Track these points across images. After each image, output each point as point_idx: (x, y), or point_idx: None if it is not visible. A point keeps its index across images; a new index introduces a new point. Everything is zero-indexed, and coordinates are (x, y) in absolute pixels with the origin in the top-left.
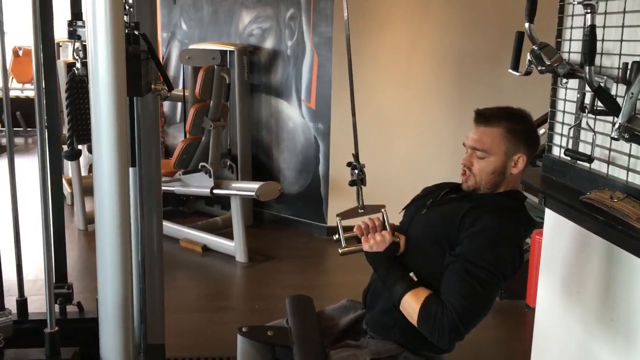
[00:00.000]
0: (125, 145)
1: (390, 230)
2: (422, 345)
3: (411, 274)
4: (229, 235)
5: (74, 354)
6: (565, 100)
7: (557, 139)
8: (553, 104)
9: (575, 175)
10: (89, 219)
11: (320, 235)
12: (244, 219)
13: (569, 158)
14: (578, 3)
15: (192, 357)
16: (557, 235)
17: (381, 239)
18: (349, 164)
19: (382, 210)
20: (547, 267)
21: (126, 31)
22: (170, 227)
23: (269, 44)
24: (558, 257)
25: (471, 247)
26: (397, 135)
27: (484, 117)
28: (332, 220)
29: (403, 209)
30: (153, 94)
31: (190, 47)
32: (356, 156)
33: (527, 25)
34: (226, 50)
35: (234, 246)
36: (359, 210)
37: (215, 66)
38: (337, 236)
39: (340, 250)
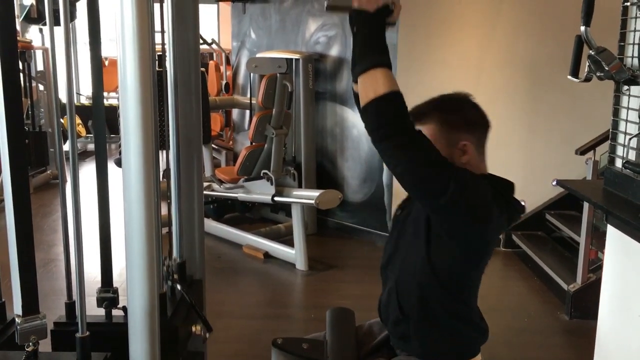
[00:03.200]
0: (151, 149)
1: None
2: (447, 348)
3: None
4: (291, 242)
5: (104, 359)
6: (628, 108)
7: (619, 150)
8: (615, 113)
9: (638, 189)
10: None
11: (383, 244)
12: (308, 227)
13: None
14: (632, 4)
15: None
16: (619, 253)
17: None
18: None
19: None
20: (609, 286)
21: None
22: (234, 233)
23: (334, 51)
24: (620, 276)
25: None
26: None
27: (415, 115)
28: None
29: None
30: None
31: (258, 55)
32: None
33: (583, 28)
34: (292, 59)
35: (294, 254)
36: None
37: (278, 74)
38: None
39: (326, 3)
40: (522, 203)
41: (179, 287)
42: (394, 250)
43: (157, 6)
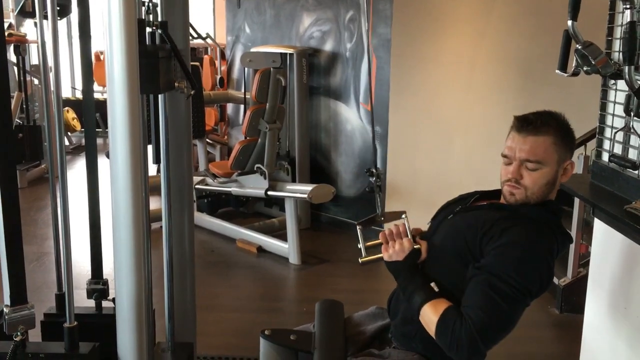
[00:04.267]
0: (138, 142)
1: (416, 236)
2: (444, 357)
3: (432, 284)
4: (284, 237)
5: (92, 349)
6: (615, 102)
7: (606, 144)
8: (602, 107)
9: (624, 183)
10: (151, 218)
11: (376, 239)
12: (301, 221)
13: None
14: None
15: (220, 357)
16: (605, 247)
17: (400, 247)
18: (368, 171)
19: (403, 216)
20: (595, 280)
21: (149, 30)
22: (227, 227)
23: (328, 46)
24: (606, 270)
25: (497, 260)
26: (457, 139)
27: (533, 125)
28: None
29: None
30: (179, 92)
31: (252, 50)
32: (374, 162)
33: (569, 23)
34: (286, 53)
35: (287, 248)
36: (379, 218)
37: (272, 69)
38: (359, 245)
39: (360, 260)
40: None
41: (159, 31)
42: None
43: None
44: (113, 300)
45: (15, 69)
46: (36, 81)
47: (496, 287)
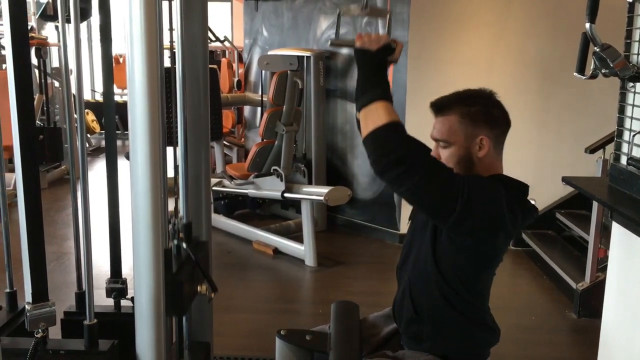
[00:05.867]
0: (158, 144)
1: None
2: (458, 349)
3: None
4: (300, 239)
5: (111, 347)
6: (633, 105)
7: (624, 147)
8: (621, 110)
9: None
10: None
11: (392, 242)
12: (317, 224)
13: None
14: (638, 1)
15: (236, 357)
16: (624, 251)
17: (376, 38)
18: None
19: (388, 15)
20: (613, 285)
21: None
22: (244, 229)
23: (345, 49)
24: (625, 275)
25: None
26: None
27: (437, 106)
28: (404, 227)
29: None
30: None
31: (269, 52)
32: None
33: (587, 25)
34: (303, 56)
35: (303, 250)
36: (363, 9)
37: (289, 71)
38: (332, 35)
39: (330, 41)
40: (533, 203)
41: (184, 245)
42: (407, 251)
43: (165, 3)
44: (132, 299)
45: (37, 71)
46: (57, 83)
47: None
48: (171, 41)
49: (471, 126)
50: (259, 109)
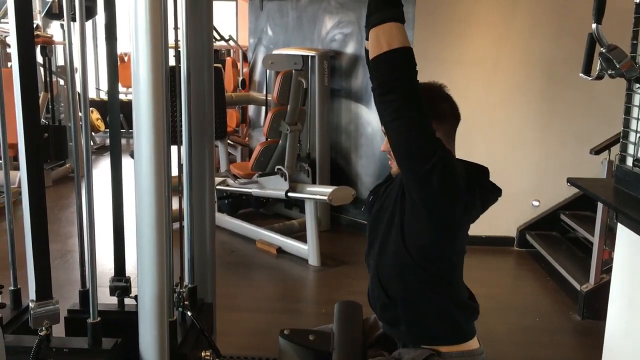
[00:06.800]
0: (162, 143)
1: None
2: (435, 330)
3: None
4: (304, 238)
5: (115, 345)
6: (639, 107)
7: (630, 149)
8: (627, 111)
9: None
10: (173, 218)
11: None
12: (321, 223)
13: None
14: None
15: (239, 356)
16: (629, 253)
17: None
18: None
19: None
20: (618, 287)
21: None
22: (247, 228)
23: (350, 49)
24: (630, 277)
25: None
26: (479, 142)
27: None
28: None
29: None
30: None
31: (274, 52)
32: None
33: (594, 26)
34: (308, 56)
35: (307, 249)
36: None
37: (293, 71)
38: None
39: None
40: (496, 185)
41: (189, 313)
42: (371, 236)
43: (170, 2)
44: (135, 297)
45: (42, 69)
46: (61, 82)
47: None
48: (176, 40)
49: None
50: (264, 108)
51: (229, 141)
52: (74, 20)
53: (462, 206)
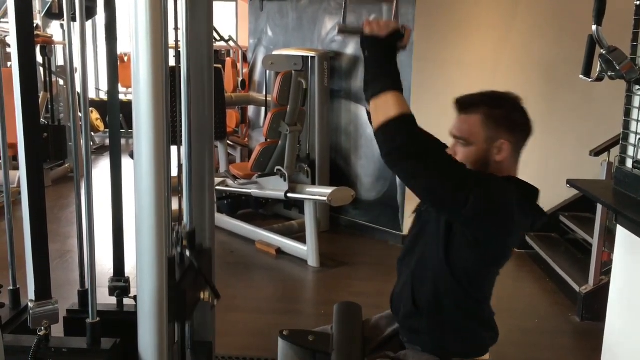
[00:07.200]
0: (162, 143)
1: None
2: (456, 345)
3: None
4: (303, 239)
5: (114, 345)
6: (639, 108)
7: (630, 150)
8: (627, 113)
9: None
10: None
11: (396, 243)
12: (320, 224)
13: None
14: None
15: (238, 357)
16: (628, 254)
17: (385, 24)
18: None
19: (394, 1)
20: (617, 288)
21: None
22: (247, 229)
23: (350, 49)
24: (629, 278)
25: None
26: None
27: (461, 104)
28: (407, 229)
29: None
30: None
31: (274, 52)
32: None
33: (594, 27)
34: (308, 56)
35: (306, 250)
36: None
37: (293, 71)
38: (340, 21)
39: (338, 28)
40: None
41: (187, 253)
42: (412, 244)
43: (170, 2)
44: (134, 297)
45: (41, 69)
46: (61, 82)
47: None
48: (176, 40)
49: (493, 129)
50: (263, 108)
51: (228, 142)
52: (74, 20)
53: (515, 231)
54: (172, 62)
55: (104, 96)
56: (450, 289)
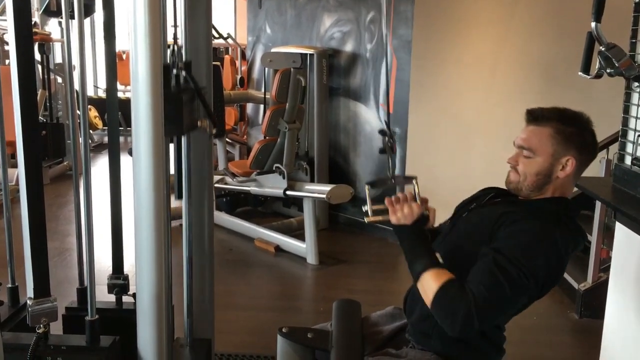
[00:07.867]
0: (160, 141)
1: (422, 204)
2: (462, 355)
3: (437, 254)
4: (302, 236)
5: (113, 342)
6: (638, 105)
7: (629, 147)
8: (626, 110)
9: None
10: (171, 216)
11: (394, 240)
12: (319, 222)
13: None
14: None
15: (237, 354)
16: (627, 251)
17: (409, 211)
18: (381, 131)
19: (414, 181)
20: (616, 286)
21: (174, 72)
22: (246, 226)
23: (349, 47)
24: (628, 275)
25: (506, 242)
26: (478, 142)
27: (534, 115)
28: None
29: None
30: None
31: (272, 50)
32: (387, 123)
33: (593, 24)
34: (306, 54)
35: (305, 248)
36: (390, 181)
37: (292, 69)
38: (365, 207)
39: (366, 219)
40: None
41: (183, 73)
42: (439, 247)
43: (169, 0)
44: (133, 295)
45: (40, 67)
46: (59, 79)
47: (502, 267)
48: (175, 38)
49: (563, 144)
50: (262, 106)
51: (227, 139)
52: (72, 17)
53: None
54: None
55: (102, 94)
56: None
